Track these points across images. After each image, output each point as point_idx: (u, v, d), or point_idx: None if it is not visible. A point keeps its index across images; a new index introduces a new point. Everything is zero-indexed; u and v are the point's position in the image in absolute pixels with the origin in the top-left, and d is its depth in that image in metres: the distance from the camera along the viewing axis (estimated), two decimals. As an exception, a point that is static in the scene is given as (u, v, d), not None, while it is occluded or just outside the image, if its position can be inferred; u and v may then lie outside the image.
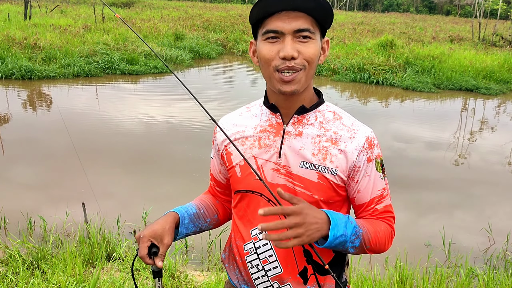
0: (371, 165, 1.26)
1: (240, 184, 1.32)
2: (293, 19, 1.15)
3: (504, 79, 13.36)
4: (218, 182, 1.47)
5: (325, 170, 1.23)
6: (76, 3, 31.80)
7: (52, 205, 4.85)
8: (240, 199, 1.34)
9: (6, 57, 11.80)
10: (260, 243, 1.31)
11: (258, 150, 1.28)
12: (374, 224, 1.26)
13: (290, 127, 1.26)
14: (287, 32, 1.15)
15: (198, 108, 1.38)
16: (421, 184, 5.97)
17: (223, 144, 1.36)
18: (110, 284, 3.14)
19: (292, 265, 1.29)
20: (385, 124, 9.04)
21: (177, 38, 17.17)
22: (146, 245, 1.25)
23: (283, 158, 1.25)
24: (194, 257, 4.01)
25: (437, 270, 3.55)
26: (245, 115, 1.36)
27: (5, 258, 3.56)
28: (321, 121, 1.27)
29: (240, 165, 1.31)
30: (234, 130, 1.34)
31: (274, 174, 1.26)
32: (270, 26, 1.17)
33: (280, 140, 1.26)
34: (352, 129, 1.27)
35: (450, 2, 51.31)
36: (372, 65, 13.31)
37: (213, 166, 1.47)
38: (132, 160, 6.36)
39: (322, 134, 1.25)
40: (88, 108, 9.16)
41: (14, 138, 7.18)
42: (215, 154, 1.43)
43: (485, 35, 21.72)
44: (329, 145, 1.24)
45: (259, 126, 1.30)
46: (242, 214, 1.36)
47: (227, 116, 1.40)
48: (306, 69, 1.19)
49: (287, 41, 1.15)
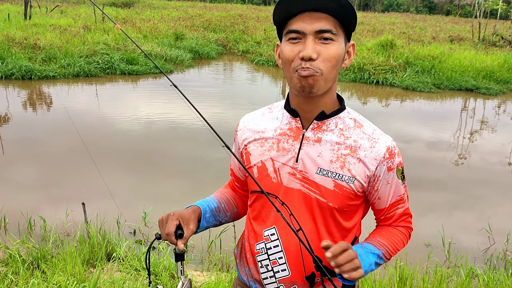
0: (392, 173, 1.26)
1: (256, 186, 1.31)
2: (315, 20, 1.14)
3: (504, 79, 13.36)
4: (237, 178, 1.49)
5: (342, 178, 1.23)
6: (76, 3, 31.80)
7: (52, 205, 4.85)
8: (256, 199, 1.35)
9: (6, 57, 11.80)
10: (271, 244, 1.32)
11: (276, 153, 1.28)
12: (390, 236, 1.33)
13: (309, 132, 1.26)
14: (308, 32, 1.15)
15: (198, 107, 1.38)
16: (421, 184, 5.97)
17: (243, 143, 1.37)
18: (110, 284, 3.14)
19: (299, 269, 1.30)
20: (385, 124, 9.03)
21: (177, 38, 17.16)
22: (175, 223, 1.23)
23: (300, 163, 1.25)
24: (194, 257, 4.01)
25: (437, 270, 3.55)
26: (267, 116, 1.36)
27: (5, 258, 3.56)
28: (341, 128, 1.26)
29: (258, 166, 1.31)
30: (256, 130, 1.34)
31: (290, 178, 1.26)
32: (292, 26, 1.17)
33: (299, 145, 1.25)
34: (373, 138, 1.25)
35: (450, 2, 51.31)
36: (372, 65, 13.31)
37: (233, 162, 1.48)
38: (132, 160, 6.36)
39: (342, 142, 1.24)
40: (88, 108, 9.16)
41: (14, 138, 7.18)
42: (235, 151, 1.43)
43: (485, 35, 21.72)
44: (348, 153, 1.23)
45: (279, 129, 1.30)
46: (257, 214, 1.36)
47: (250, 115, 1.41)
48: (325, 73, 1.17)
49: (308, 42, 1.15)
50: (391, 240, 1.31)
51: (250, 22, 23.42)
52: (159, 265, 3.45)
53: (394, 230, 1.34)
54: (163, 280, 3.26)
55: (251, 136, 1.34)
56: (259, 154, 1.30)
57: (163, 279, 3.26)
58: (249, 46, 17.85)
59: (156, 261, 3.50)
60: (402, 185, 1.31)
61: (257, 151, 1.31)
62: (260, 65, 15.47)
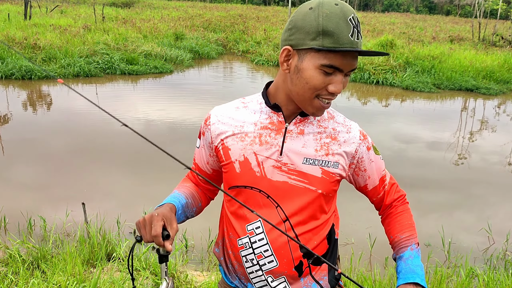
0: (371, 151, 1.38)
1: (239, 180, 1.32)
2: (354, 60, 1.20)
3: (504, 79, 13.36)
4: (203, 172, 1.48)
5: (328, 164, 1.30)
6: (76, 3, 31.80)
7: (52, 205, 4.86)
8: (236, 194, 1.35)
9: (6, 57, 11.80)
10: (256, 237, 1.32)
11: (259, 147, 1.29)
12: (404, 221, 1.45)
13: (292, 126, 1.30)
14: (343, 70, 1.19)
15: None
16: (421, 184, 5.97)
17: (219, 137, 1.35)
18: (110, 284, 3.14)
19: (288, 260, 1.31)
20: (385, 124, 9.04)
21: (177, 38, 17.17)
22: (161, 224, 1.18)
23: (285, 156, 1.28)
24: (194, 257, 4.01)
25: (437, 270, 3.55)
26: (242, 111, 1.35)
27: (5, 258, 3.56)
28: (319, 120, 1.34)
29: (240, 161, 1.31)
30: (232, 124, 1.34)
31: (274, 171, 1.28)
32: (335, 63, 1.16)
33: (282, 138, 1.29)
34: (346, 125, 1.36)
35: (450, 2, 51.31)
36: (372, 65, 13.31)
37: (200, 156, 1.47)
38: (132, 160, 6.36)
39: (322, 131, 1.32)
40: (88, 108, 9.16)
41: (14, 138, 7.18)
42: (204, 145, 1.43)
43: (485, 35, 21.73)
44: (329, 141, 1.31)
45: (259, 123, 1.31)
46: (236, 209, 1.36)
47: (222, 108, 1.39)
48: None
49: (340, 80, 1.20)
50: (410, 225, 1.44)
51: (250, 22, 23.43)
52: (159, 265, 3.45)
53: (401, 216, 1.45)
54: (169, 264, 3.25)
55: (228, 130, 1.33)
56: (240, 148, 1.30)
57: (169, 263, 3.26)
58: (249, 46, 17.85)
59: (156, 261, 3.50)
60: (380, 159, 1.42)
61: (237, 146, 1.31)
62: (260, 65, 15.47)
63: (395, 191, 1.48)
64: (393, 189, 1.48)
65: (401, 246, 1.39)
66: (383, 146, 7.22)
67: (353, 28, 1.15)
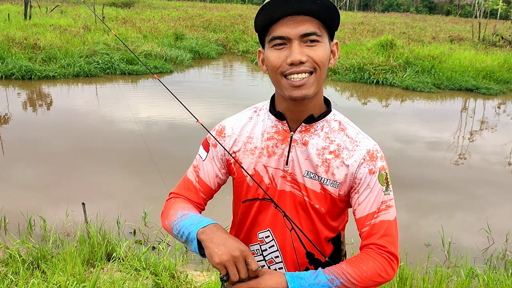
0: (374, 177, 1.23)
1: (252, 193, 1.32)
2: (299, 24, 1.13)
3: (504, 79, 13.36)
4: (208, 187, 1.36)
5: (327, 182, 1.24)
6: (76, 3, 31.79)
7: (52, 205, 4.85)
8: (249, 205, 1.34)
9: (6, 57, 11.79)
10: (266, 245, 1.34)
11: (267, 159, 1.28)
12: (359, 263, 1.18)
13: (297, 134, 1.26)
14: (293, 37, 1.14)
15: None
16: (421, 184, 5.97)
17: (231, 150, 1.32)
18: (110, 284, 3.14)
19: (295, 266, 1.33)
20: (385, 124, 9.04)
21: (177, 38, 17.17)
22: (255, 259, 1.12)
23: (290, 165, 1.26)
24: (194, 257, 4.01)
25: (437, 270, 3.55)
26: (253, 121, 1.33)
27: (5, 258, 3.56)
28: (327, 132, 1.26)
29: (252, 174, 1.30)
30: (245, 136, 1.31)
31: (282, 181, 1.28)
32: (276, 33, 1.15)
33: (288, 147, 1.26)
34: (355, 141, 1.25)
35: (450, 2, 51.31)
36: (372, 65, 13.31)
37: (206, 169, 1.35)
38: (132, 160, 6.36)
39: (327, 146, 1.25)
40: (88, 108, 9.16)
41: (14, 138, 7.18)
42: (213, 157, 1.35)
43: (485, 35, 21.72)
44: (332, 158, 1.24)
45: (266, 133, 1.29)
46: (251, 219, 1.35)
47: (236, 120, 1.34)
48: (317, 72, 1.17)
49: (294, 46, 1.14)
50: (357, 267, 1.17)
51: (250, 22, 23.41)
52: (159, 265, 3.45)
53: (364, 256, 1.20)
54: (163, 280, 3.25)
55: (240, 143, 1.31)
56: (251, 162, 1.29)
57: (163, 279, 3.26)
58: (249, 46, 17.85)
59: (156, 261, 3.50)
60: (384, 194, 1.23)
61: (248, 160, 1.29)
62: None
63: (380, 235, 1.20)
64: (379, 232, 1.21)
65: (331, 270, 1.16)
66: (383, 146, 7.16)
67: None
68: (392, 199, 1.26)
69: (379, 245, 1.20)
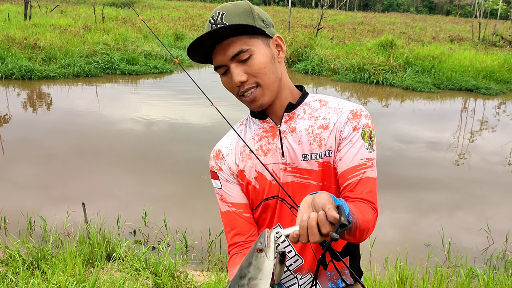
0: (357, 133, 1.25)
1: (261, 195, 1.34)
2: (226, 48, 1.20)
3: (504, 79, 13.35)
4: (244, 205, 1.37)
5: (322, 155, 1.27)
6: (76, 3, 31.80)
7: (52, 205, 4.85)
8: (263, 209, 1.36)
9: (6, 57, 11.80)
10: (278, 241, 1.32)
11: (264, 158, 1.32)
12: (364, 212, 1.18)
13: (283, 125, 1.31)
14: (226, 62, 1.21)
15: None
16: (421, 184, 5.97)
17: (234, 163, 1.37)
18: (110, 284, 3.14)
19: (311, 256, 1.34)
20: (385, 124, 9.04)
21: (177, 38, 17.17)
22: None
23: (287, 156, 1.30)
24: (194, 257, 4.01)
25: (437, 270, 3.55)
26: (244, 130, 1.38)
27: (5, 258, 3.56)
28: (309, 112, 1.31)
29: (255, 177, 1.34)
30: (240, 148, 1.36)
31: (282, 173, 1.31)
32: (215, 64, 1.25)
33: (279, 140, 1.31)
34: (338, 108, 1.30)
35: (450, 2, 51.34)
36: (372, 65, 13.31)
37: (230, 192, 1.38)
38: (132, 160, 6.36)
39: (313, 123, 1.29)
40: (88, 108, 9.16)
41: (14, 138, 7.18)
42: (226, 179, 1.38)
43: (485, 35, 21.73)
44: (321, 131, 1.28)
45: (256, 136, 1.34)
46: (267, 222, 1.38)
47: (227, 139, 1.42)
48: (262, 83, 1.23)
49: (232, 70, 1.21)
50: (365, 215, 1.16)
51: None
52: (159, 265, 3.45)
53: (366, 208, 1.20)
54: (163, 280, 3.26)
55: (238, 154, 1.37)
56: (251, 166, 1.34)
57: (163, 279, 3.26)
58: (249, 46, 17.84)
59: (156, 261, 3.50)
60: (367, 151, 1.25)
61: (248, 165, 1.34)
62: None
63: (367, 191, 1.23)
64: (366, 188, 1.23)
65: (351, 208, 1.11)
66: (383, 146, 7.23)
67: (210, 23, 1.20)
68: (375, 159, 1.27)
69: (369, 201, 1.22)
